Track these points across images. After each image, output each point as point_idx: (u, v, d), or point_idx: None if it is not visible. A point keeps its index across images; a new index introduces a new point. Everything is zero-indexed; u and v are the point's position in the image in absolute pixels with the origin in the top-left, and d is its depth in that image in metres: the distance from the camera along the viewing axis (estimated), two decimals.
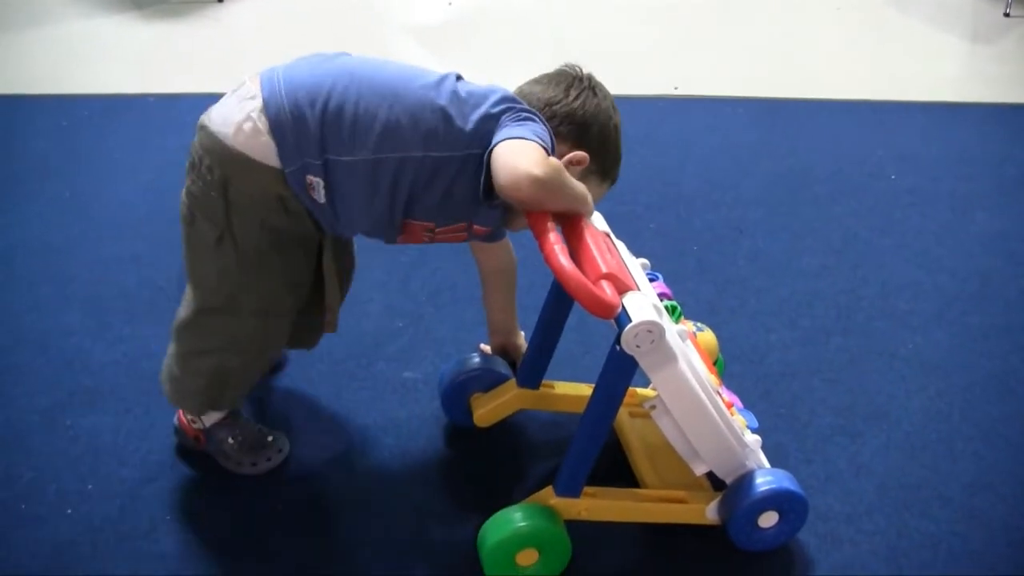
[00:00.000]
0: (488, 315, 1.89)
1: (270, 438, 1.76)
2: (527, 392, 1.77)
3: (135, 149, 2.68)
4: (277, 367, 1.93)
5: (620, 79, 3.03)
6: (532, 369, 1.76)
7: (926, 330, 2.11)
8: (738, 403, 1.65)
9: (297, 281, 1.60)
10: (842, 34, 3.43)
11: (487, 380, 1.80)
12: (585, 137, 1.60)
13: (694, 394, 1.48)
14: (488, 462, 1.78)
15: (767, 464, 1.62)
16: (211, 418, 1.71)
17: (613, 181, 1.68)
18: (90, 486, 1.71)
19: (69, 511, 1.66)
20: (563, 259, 1.35)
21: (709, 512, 1.60)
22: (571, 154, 1.58)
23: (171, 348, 1.65)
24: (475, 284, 2.14)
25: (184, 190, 1.54)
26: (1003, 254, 2.36)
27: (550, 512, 1.54)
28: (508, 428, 1.83)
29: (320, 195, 1.48)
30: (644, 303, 1.40)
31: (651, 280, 1.65)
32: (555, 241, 1.38)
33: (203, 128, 1.49)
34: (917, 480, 1.77)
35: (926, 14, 3.57)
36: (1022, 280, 2.28)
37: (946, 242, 2.40)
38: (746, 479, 1.57)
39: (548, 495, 1.56)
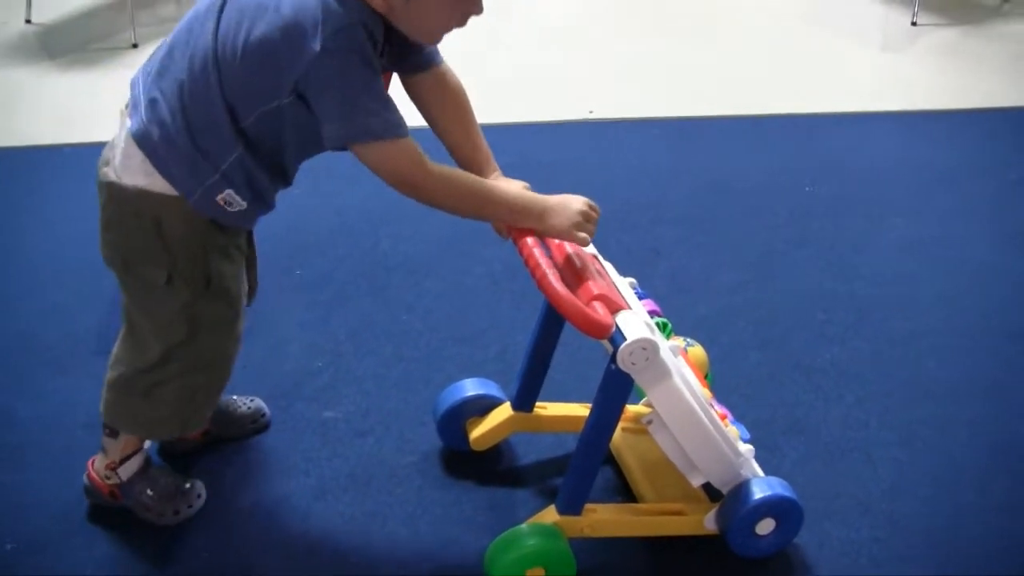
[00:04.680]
0: (455, 156, 1.61)
1: (187, 485, 1.74)
2: (521, 415, 1.80)
3: (53, 200, 2.64)
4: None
5: (534, 105, 3.10)
6: (526, 391, 1.79)
7: (844, 339, 2.14)
8: (730, 415, 1.69)
9: (243, 279, 1.60)
10: (754, 50, 3.47)
11: (481, 404, 1.81)
12: None
13: (689, 407, 1.53)
14: (488, 484, 1.80)
15: (761, 473, 1.66)
16: (128, 470, 1.68)
17: None
18: (8, 546, 1.68)
19: None
20: (556, 284, 1.40)
21: (707, 522, 1.64)
22: None
23: (122, 387, 1.62)
24: (394, 320, 2.16)
25: (105, 244, 1.53)
26: (920, 259, 2.40)
27: (554, 531, 1.57)
28: (506, 449, 1.86)
29: (239, 202, 1.47)
30: (637, 321, 1.46)
31: (640, 298, 1.67)
32: (547, 266, 1.42)
33: (110, 185, 1.48)
34: (836, 489, 1.79)
35: (837, 26, 3.63)
36: (938, 284, 2.32)
37: (863, 250, 2.43)
38: (742, 488, 1.61)
39: (551, 514, 1.60)
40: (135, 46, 3.41)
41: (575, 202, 1.53)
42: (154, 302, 1.54)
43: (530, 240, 1.48)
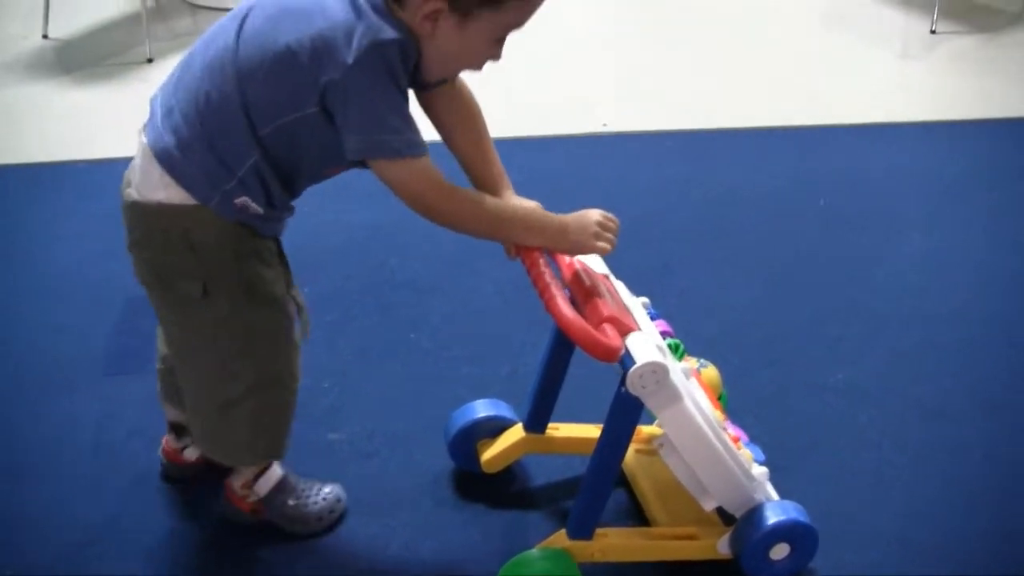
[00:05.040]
0: (469, 173, 1.58)
1: (328, 490, 1.75)
2: (533, 436, 1.78)
3: (66, 218, 2.65)
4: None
5: (547, 119, 3.08)
6: (538, 412, 1.77)
7: (857, 357, 2.11)
8: (744, 437, 1.68)
9: (289, 285, 1.59)
10: (770, 60, 3.44)
11: (493, 425, 1.80)
12: None
13: (700, 431, 1.51)
14: (499, 506, 1.79)
15: (776, 496, 1.64)
16: (265, 485, 1.70)
17: (516, 14, 1.40)
18: (8, 572, 1.68)
19: None
20: (564, 307, 1.38)
21: (721, 547, 1.62)
22: (426, 6, 1.35)
23: (198, 414, 1.62)
24: (401, 340, 2.15)
25: (138, 264, 1.53)
26: (935, 273, 2.37)
27: (565, 556, 1.56)
28: (518, 470, 1.85)
29: (255, 208, 1.46)
30: (647, 343, 1.44)
31: (652, 319, 1.65)
32: (555, 287, 1.40)
33: (133, 204, 1.48)
34: (849, 512, 1.76)
35: (855, 34, 3.60)
36: (954, 298, 2.29)
37: (877, 264, 2.40)
38: (756, 512, 1.58)
39: (561, 538, 1.58)
40: (150, 61, 3.42)
41: (592, 215, 1.52)
42: (196, 318, 1.53)
43: (539, 260, 1.46)
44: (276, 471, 1.71)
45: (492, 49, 1.42)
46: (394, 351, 2.12)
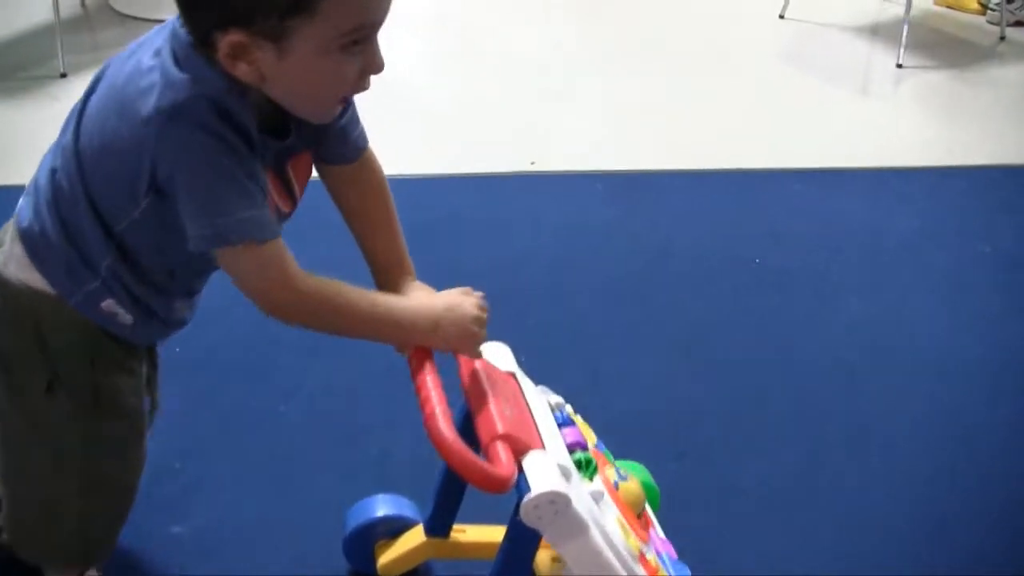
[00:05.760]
0: (367, 259, 1.39)
1: None
2: (436, 540, 1.58)
3: None
4: None
5: (472, 154, 2.86)
6: (441, 513, 1.56)
7: (775, 449, 1.90)
8: (671, 552, 1.49)
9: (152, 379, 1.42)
10: (723, 94, 3.23)
11: (394, 525, 1.61)
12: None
13: (607, 566, 1.30)
14: None
15: None
16: None
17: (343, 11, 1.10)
18: None
19: None
20: (443, 429, 1.18)
21: None
22: (224, 46, 1.10)
23: (15, 498, 1.42)
24: (272, 411, 1.94)
25: None
26: (868, 344, 2.17)
27: None
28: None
29: (124, 315, 1.26)
30: (546, 467, 1.24)
31: (560, 425, 1.43)
32: (436, 399, 1.21)
33: None
34: None
35: (816, 67, 3.40)
36: (885, 375, 2.09)
37: (807, 334, 2.20)
38: None
39: None
40: (63, 75, 3.20)
41: (466, 307, 1.29)
42: (33, 411, 1.32)
43: (426, 362, 1.27)
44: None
45: (346, 63, 1.14)
46: (260, 425, 1.91)
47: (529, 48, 3.48)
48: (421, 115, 3.00)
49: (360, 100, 1.28)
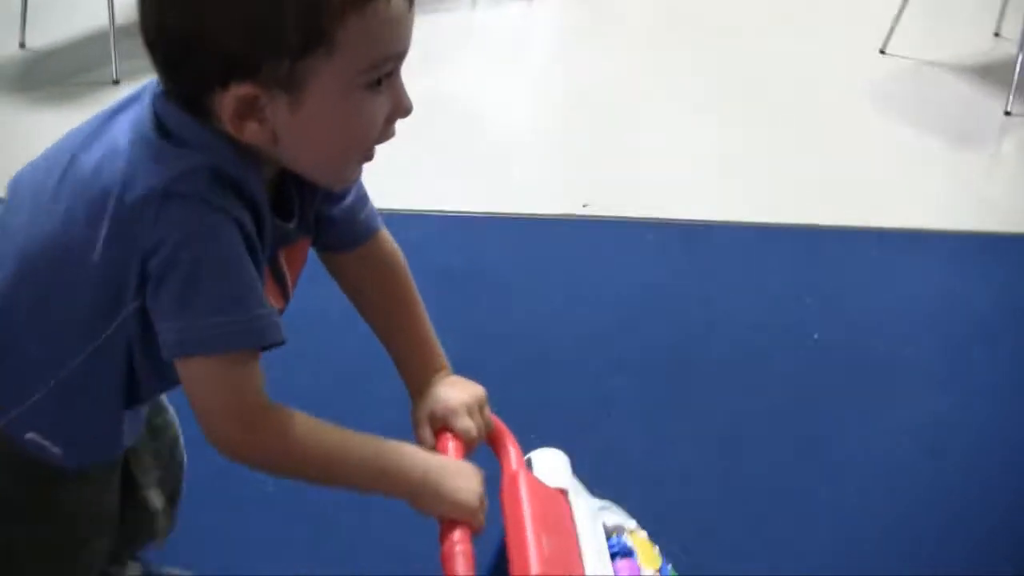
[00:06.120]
0: (389, 352, 1.21)
1: None
2: None
3: None
4: None
5: (521, 193, 2.66)
6: None
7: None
8: None
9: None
10: (802, 140, 2.93)
11: None
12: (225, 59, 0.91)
13: None
14: None
15: None
16: None
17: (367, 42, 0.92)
18: None
19: None
20: (460, 569, 1.00)
21: None
22: (227, 104, 0.92)
23: None
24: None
25: None
26: (927, 455, 1.90)
27: None
28: None
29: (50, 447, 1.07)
30: None
31: (616, 555, 1.23)
32: (461, 532, 1.04)
33: None
34: None
35: (910, 112, 3.09)
36: (941, 502, 1.81)
37: (859, 433, 1.94)
38: None
39: None
40: (116, 82, 3.11)
41: (475, 482, 1.09)
42: None
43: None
44: None
45: (374, 102, 0.95)
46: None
47: (596, 80, 3.26)
48: (472, 145, 2.82)
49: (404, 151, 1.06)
